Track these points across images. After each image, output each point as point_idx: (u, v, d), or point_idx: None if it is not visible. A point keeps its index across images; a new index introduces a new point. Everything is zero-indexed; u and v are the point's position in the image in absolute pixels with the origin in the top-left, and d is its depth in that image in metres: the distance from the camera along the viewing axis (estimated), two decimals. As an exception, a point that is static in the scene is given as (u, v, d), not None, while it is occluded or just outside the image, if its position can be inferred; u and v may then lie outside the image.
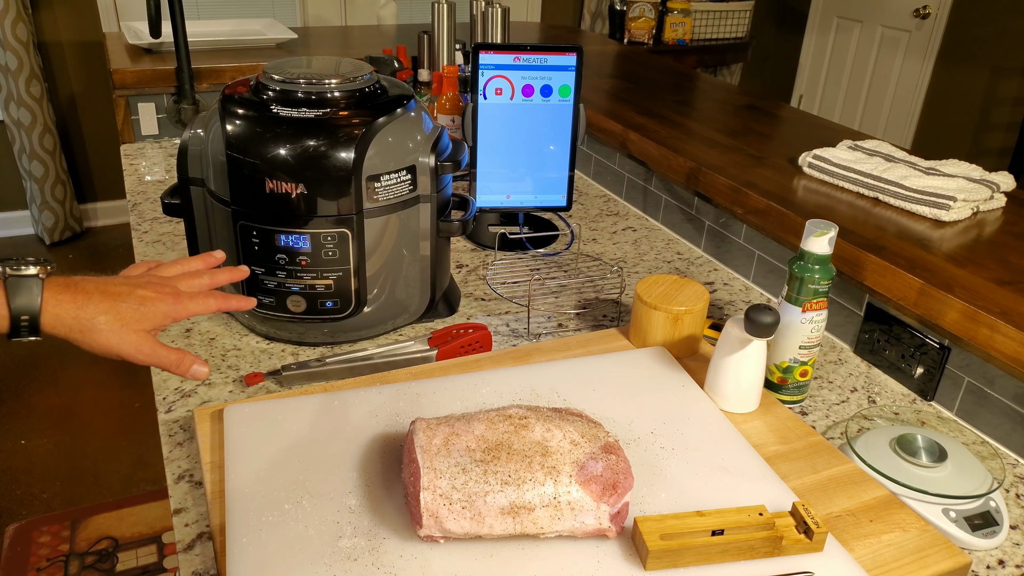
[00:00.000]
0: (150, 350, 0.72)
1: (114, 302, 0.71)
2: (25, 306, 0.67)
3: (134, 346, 0.71)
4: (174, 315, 0.74)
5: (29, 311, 0.67)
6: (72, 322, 0.69)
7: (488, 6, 1.77)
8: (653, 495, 0.72)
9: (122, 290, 0.72)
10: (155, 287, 0.74)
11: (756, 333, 0.82)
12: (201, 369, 0.75)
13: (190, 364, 0.74)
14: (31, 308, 0.67)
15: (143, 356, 0.72)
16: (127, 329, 0.71)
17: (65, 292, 0.69)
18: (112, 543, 1.99)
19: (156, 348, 0.73)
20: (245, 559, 0.63)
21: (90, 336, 0.70)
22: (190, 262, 0.80)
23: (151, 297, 0.72)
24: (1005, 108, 3.47)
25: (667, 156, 1.37)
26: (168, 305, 0.73)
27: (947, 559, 0.69)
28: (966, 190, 1.11)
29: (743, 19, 4.15)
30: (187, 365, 0.74)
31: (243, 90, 0.94)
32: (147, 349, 0.72)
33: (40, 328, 0.68)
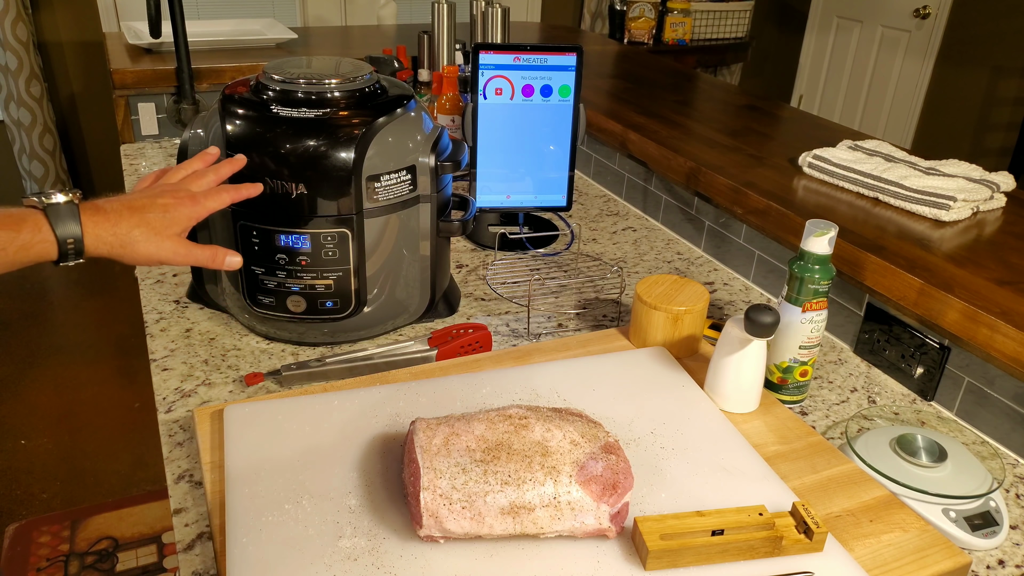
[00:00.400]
0: (185, 251, 0.79)
1: (142, 214, 0.76)
2: (69, 231, 0.72)
3: (170, 250, 0.78)
4: (196, 215, 0.80)
5: (73, 235, 0.72)
6: (112, 239, 0.75)
7: (488, 6, 1.77)
8: (653, 495, 0.72)
9: (145, 202, 0.78)
10: (172, 194, 0.80)
11: (756, 333, 0.82)
12: (234, 259, 0.83)
13: (223, 257, 0.83)
14: (75, 232, 0.72)
15: (180, 258, 0.79)
16: (160, 236, 0.77)
17: (98, 213, 0.74)
18: (112, 543, 1.99)
19: (190, 248, 0.80)
20: (245, 559, 0.63)
21: (130, 249, 0.76)
22: (191, 163, 0.86)
23: (172, 204, 0.78)
24: (1005, 108, 3.47)
25: (667, 156, 1.37)
26: (188, 207, 0.79)
27: (947, 559, 0.69)
28: (966, 190, 1.11)
29: (743, 19, 4.15)
30: (221, 258, 0.83)
31: (243, 90, 0.94)
32: (183, 251, 0.79)
33: (84, 250, 0.73)
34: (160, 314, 1.07)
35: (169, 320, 1.06)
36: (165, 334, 1.03)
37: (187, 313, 1.07)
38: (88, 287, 3.18)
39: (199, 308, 1.08)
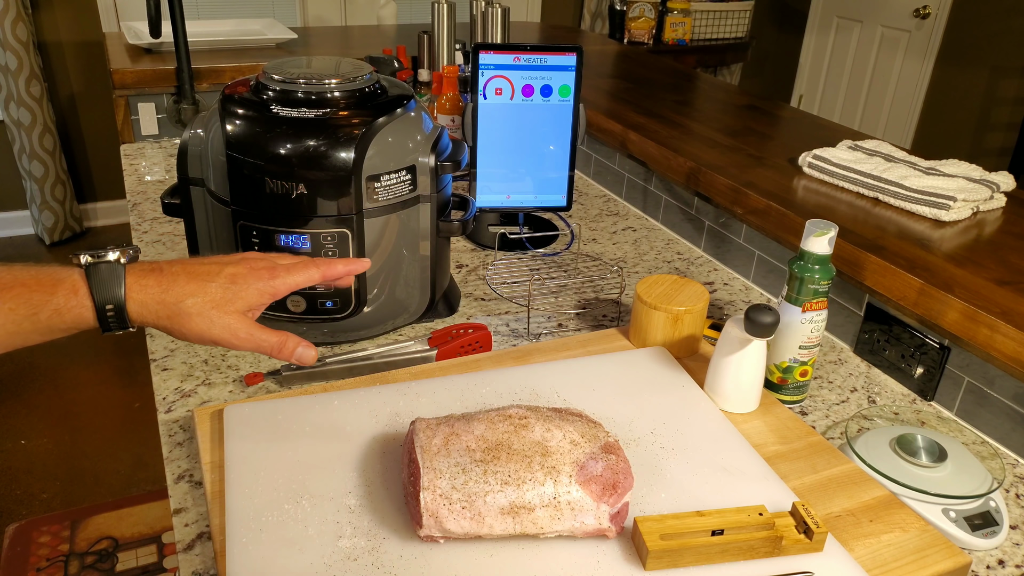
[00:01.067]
0: (246, 334, 0.67)
1: (202, 283, 0.65)
2: (109, 296, 0.62)
3: (228, 330, 0.66)
4: (272, 291, 0.68)
5: (114, 300, 0.62)
6: (158, 307, 0.64)
7: (488, 6, 1.77)
8: (653, 495, 0.72)
9: (211, 269, 0.67)
10: (248, 263, 0.69)
11: (756, 333, 0.82)
12: (308, 352, 0.70)
13: (294, 347, 0.69)
14: (116, 297, 0.62)
15: (239, 341, 0.67)
16: (219, 311, 0.65)
17: (149, 276, 0.64)
18: (112, 543, 1.99)
19: (253, 331, 0.67)
20: (245, 559, 0.63)
21: (179, 322, 0.65)
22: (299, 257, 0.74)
23: (243, 274, 0.67)
24: (1005, 108, 3.47)
25: (667, 156, 1.37)
26: (264, 281, 0.68)
27: (947, 559, 0.69)
28: (966, 190, 1.11)
29: (743, 19, 4.15)
30: (291, 349, 0.69)
31: (243, 90, 0.94)
32: (243, 333, 0.67)
33: (127, 318, 0.64)
34: (160, 314, 1.07)
35: (169, 320, 1.06)
36: (165, 334, 1.03)
37: (187, 313, 1.07)
38: (88, 287, 3.17)
39: (199, 308, 1.08)
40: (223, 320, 0.66)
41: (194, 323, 0.65)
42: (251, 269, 0.68)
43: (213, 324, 0.65)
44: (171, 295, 0.64)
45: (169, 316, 0.65)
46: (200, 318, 0.65)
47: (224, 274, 0.67)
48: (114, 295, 0.62)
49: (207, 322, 0.65)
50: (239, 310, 0.67)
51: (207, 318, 0.65)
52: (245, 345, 0.67)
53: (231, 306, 0.66)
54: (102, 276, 0.62)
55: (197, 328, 0.65)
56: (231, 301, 0.66)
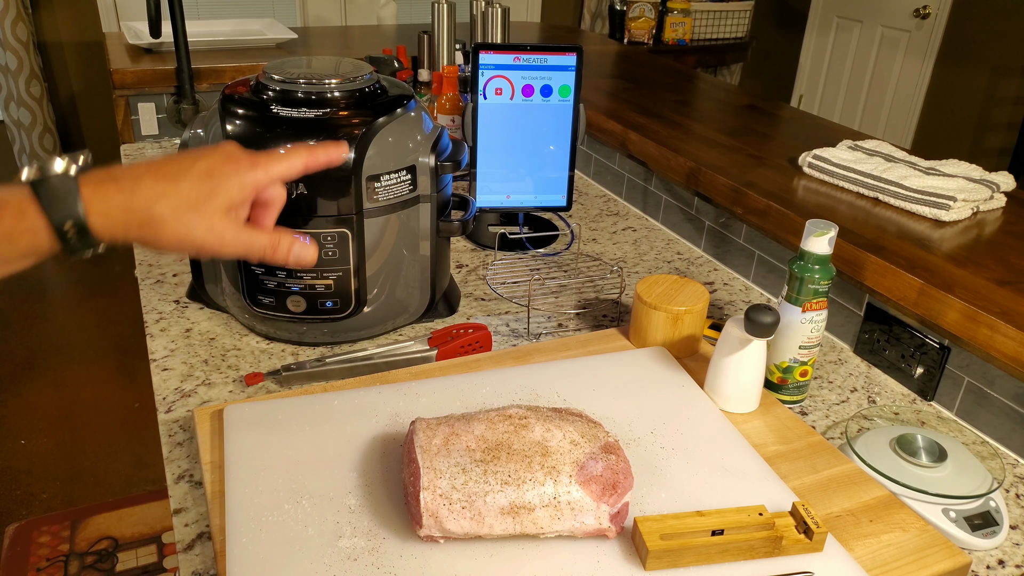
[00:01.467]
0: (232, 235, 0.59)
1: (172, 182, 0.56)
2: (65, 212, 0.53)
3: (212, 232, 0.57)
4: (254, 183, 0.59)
5: (72, 216, 0.53)
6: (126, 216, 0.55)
7: (488, 6, 1.77)
8: (653, 495, 0.72)
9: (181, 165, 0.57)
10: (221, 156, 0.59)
11: (756, 333, 0.82)
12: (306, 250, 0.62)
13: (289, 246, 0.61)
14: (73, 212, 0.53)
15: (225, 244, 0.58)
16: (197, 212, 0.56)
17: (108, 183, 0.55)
18: (112, 543, 1.99)
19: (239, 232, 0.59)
20: (245, 559, 0.63)
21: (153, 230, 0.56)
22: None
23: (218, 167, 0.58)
24: (1005, 108, 3.47)
25: (667, 156, 1.37)
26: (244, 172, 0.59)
27: (947, 559, 0.69)
28: (966, 190, 1.11)
29: (743, 19, 4.15)
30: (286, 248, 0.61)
31: (243, 90, 0.94)
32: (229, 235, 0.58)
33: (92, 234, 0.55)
34: (160, 314, 1.07)
35: (169, 320, 1.06)
36: (165, 334, 1.03)
37: (187, 313, 1.07)
38: (88, 287, 3.18)
39: (199, 308, 1.08)
40: (204, 222, 0.57)
41: (170, 228, 0.56)
42: (228, 159, 0.59)
43: (193, 228, 0.57)
44: (139, 199, 0.55)
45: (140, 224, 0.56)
46: (176, 222, 0.56)
47: (196, 170, 0.58)
48: (71, 210, 0.53)
49: (185, 226, 0.56)
50: (220, 208, 0.58)
51: (184, 222, 0.56)
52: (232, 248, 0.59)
53: (210, 204, 0.57)
54: (53, 191, 0.53)
55: (175, 234, 0.56)
56: (209, 199, 0.57)
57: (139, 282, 1.16)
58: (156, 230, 0.56)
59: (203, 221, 0.57)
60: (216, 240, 0.58)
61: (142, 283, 1.15)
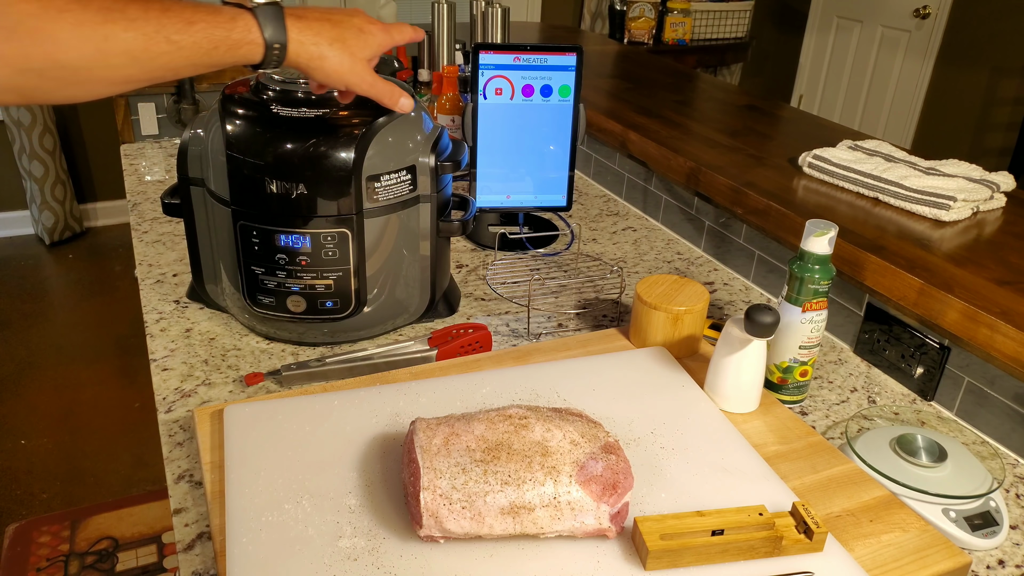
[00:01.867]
0: (371, 80, 0.77)
1: (340, 30, 0.74)
2: (277, 36, 0.69)
3: (359, 75, 0.75)
4: (386, 44, 0.78)
5: (279, 41, 0.69)
6: (313, 50, 0.72)
7: (488, 6, 1.77)
8: (653, 495, 0.72)
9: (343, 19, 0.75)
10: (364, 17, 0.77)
11: (756, 333, 0.82)
12: (408, 102, 0.81)
13: (399, 96, 0.80)
14: (281, 38, 0.69)
15: (365, 85, 0.77)
16: (354, 58, 0.74)
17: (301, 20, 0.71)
18: (112, 543, 1.99)
19: (375, 79, 0.78)
20: (245, 559, 0.63)
21: (321, 64, 0.73)
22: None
23: (367, 27, 0.76)
24: (1005, 108, 3.47)
25: (667, 156, 1.37)
26: (382, 35, 0.77)
27: (947, 559, 0.69)
28: (966, 190, 1.11)
29: (743, 19, 4.15)
30: (397, 96, 0.80)
31: (243, 90, 0.94)
32: (369, 79, 0.77)
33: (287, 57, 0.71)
34: (160, 314, 1.07)
35: (169, 320, 1.06)
36: (165, 334, 1.03)
37: (187, 313, 1.07)
38: (88, 287, 3.18)
39: (199, 308, 1.08)
40: (356, 67, 0.75)
41: (333, 66, 0.73)
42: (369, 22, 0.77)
43: (351, 70, 0.74)
44: (322, 39, 0.72)
45: (318, 57, 0.72)
46: (340, 63, 0.73)
47: (354, 25, 0.75)
48: (280, 35, 0.69)
49: (347, 67, 0.74)
50: (366, 57, 0.76)
51: (347, 63, 0.74)
52: (368, 89, 0.77)
53: (361, 54, 0.75)
54: (269, 16, 0.69)
55: (336, 71, 0.74)
56: (362, 49, 0.75)
57: (139, 282, 1.16)
58: (323, 63, 0.73)
59: (355, 65, 0.75)
60: (359, 80, 0.76)
61: (142, 283, 1.15)
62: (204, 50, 0.66)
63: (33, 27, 0.56)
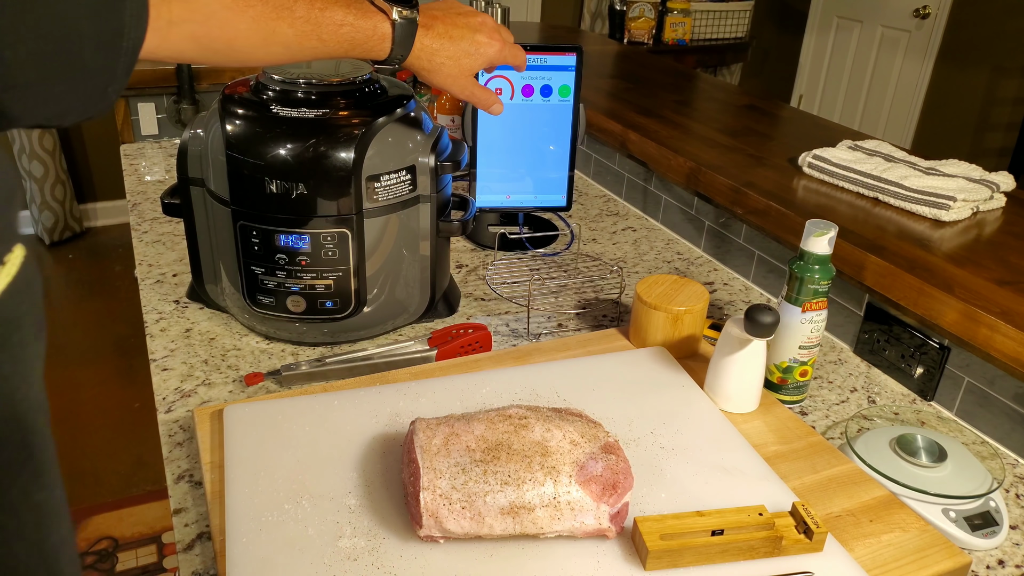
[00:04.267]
0: (471, 90, 0.85)
1: (458, 45, 0.81)
2: (403, 52, 0.77)
3: (460, 86, 0.84)
4: (498, 61, 0.85)
5: (404, 55, 0.78)
6: (426, 63, 0.80)
7: (488, 6, 1.77)
8: (653, 495, 0.72)
9: (464, 33, 0.82)
10: (488, 31, 0.84)
11: (756, 333, 0.82)
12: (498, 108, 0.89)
13: (493, 102, 0.89)
14: (405, 53, 0.78)
15: (465, 94, 0.86)
16: (460, 72, 0.83)
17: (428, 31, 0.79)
18: (112, 543, 1.99)
19: (475, 88, 0.86)
20: (245, 559, 0.63)
21: (430, 74, 0.82)
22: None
23: (484, 43, 0.83)
24: (1005, 108, 3.47)
25: (667, 156, 1.37)
26: (494, 51, 0.84)
27: (947, 559, 0.69)
28: (966, 190, 1.11)
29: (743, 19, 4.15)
30: (491, 102, 0.89)
31: (243, 90, 0.94)
32: (469, 89, 0.85)
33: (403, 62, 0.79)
34: (160, 314, 1.07)
35: (169, 320, 1.06)
36: (165, 334, 1.03)
37: (187, 313, 1.07)
38: (88, 287, 3.18)
39: (199, 308, 1.08)
40: (460, 81, 0.83)
41: (440, 78, 0.82)
42: (490, 39, 0.83)
43: (455, 83, 0.83)
44: (438, 56, 0.80)
45: (429, 69, 0.81)
46: (447, 76, 0.82)
47: (473, 40, 0.82)
48: (405, 51, 0.77)
49: (451, 80, 0.83)
50: (472, 71, 0.84)
51: (452, 77, 0.83)
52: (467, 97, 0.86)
53: (470, 69, 0.83)
54: (404, 33, 0.76)
55: (441, 82, 0.83)
56: (472, 66, 0.83)
57: (139, 282, 1.16)
58: (431, 74, 0.82)
59: (460, 80, 0.83)
60: (460, 90, 0.84)
61: (142, 283, 1.15)
62: (343, 49, 0.74)
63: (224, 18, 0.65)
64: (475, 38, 0.82)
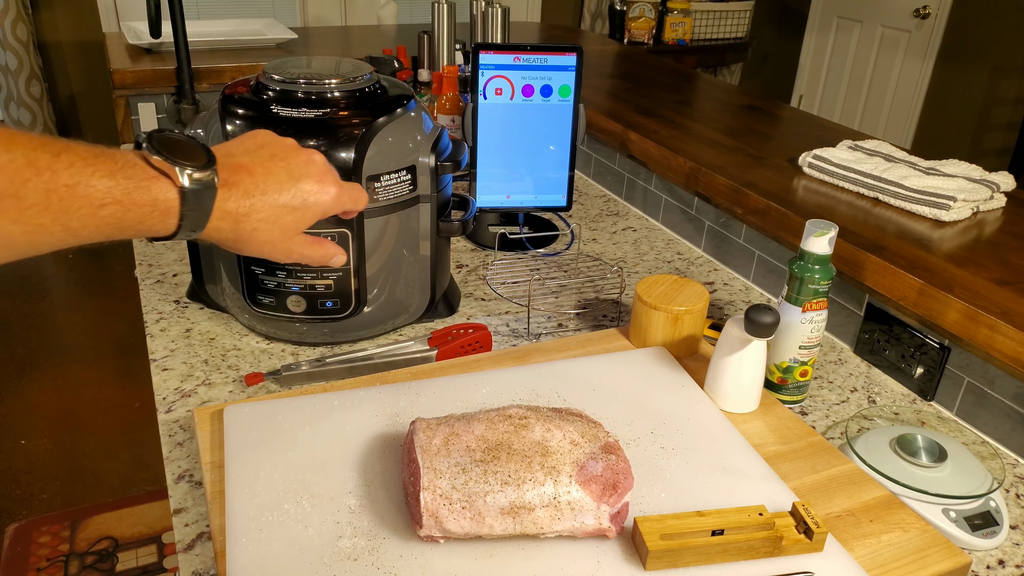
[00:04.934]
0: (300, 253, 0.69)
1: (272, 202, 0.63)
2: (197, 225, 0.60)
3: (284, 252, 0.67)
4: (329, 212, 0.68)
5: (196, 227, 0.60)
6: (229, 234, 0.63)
7: (488, 6, 1.77)
8: (653, 495, 0.72)
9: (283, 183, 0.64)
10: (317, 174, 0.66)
11: (756, 333, 0.82)
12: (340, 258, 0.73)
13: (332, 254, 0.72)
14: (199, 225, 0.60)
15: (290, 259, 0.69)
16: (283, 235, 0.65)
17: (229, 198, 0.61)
18: (112, 543, 1.99)
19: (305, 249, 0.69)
20: (245, 559, 0.63)
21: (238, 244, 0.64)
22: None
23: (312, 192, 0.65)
24: (1005, 108, 3.47)
25: (667, 156, 1.37)
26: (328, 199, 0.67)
27: (947, 559, 0.69)
28: (966, 190, 1.11)
29: (743, 19, 4.15)
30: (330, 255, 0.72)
31: (243, 90, 0.94)
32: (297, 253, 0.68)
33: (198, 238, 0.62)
34: (160, 314, 1.07)
35: (169, 320, 1.06)
36: (165, 334, 1.03)
37: (187, 313, 1.07)
38: (88, 287, 3.18)
39: (199, 308, 1.08)
40: (282, 246, 0.66)
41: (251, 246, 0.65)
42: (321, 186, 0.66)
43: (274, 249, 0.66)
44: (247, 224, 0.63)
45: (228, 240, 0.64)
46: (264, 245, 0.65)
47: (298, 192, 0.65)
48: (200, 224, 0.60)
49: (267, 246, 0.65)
50: (298, 230, 0.66)
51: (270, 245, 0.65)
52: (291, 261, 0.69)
53: (294, 231, 0.66)
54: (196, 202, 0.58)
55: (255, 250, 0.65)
56: (296, 227, 0.66)
57: (139, 282, 1.16)
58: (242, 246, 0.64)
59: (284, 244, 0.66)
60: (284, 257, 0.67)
61: (142, 283, 1.15)
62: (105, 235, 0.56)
63: None
64: (299, 187, 0.64)
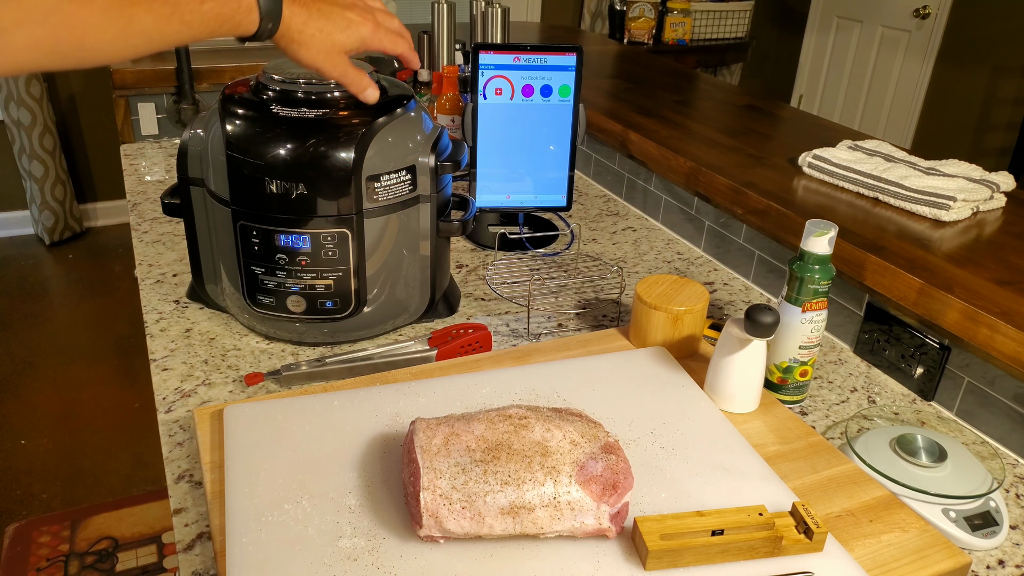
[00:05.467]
0: (342, 69, 0.80)
1: (326, 21, 0.77)
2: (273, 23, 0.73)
3: (332, 63, 0.79)
4: (368, 43, 0.81)
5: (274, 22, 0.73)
6: (296, 35, 0.75)
7: (488, 6, 1.77)
8: (653, 495, 0.72)
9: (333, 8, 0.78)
10: (360, 10, 0.80)
11: (756, 333, 0.82)
12: (373, 93, 0.84)
13: (367, 86, 0.83)
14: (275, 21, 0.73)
15: (336, 73, 0.80)
16: (331, 48, 0.78)
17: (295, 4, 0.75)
18: (112, 543, 2.00)
19: (347, 68, 0.81)
20: (245, 559, 0.63)
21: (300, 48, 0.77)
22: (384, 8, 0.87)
23: (356, 21, 0.79)
24: (1005, 108, 3.47)
25: (667, 156, 1.37)
26: (367, 31, 0.80)
27: (947, 559, 0.69)
28: (966, 190, 1.11)
29: (743, 19, 4.15)
30: (364, 85, 0.83)
31: (243, 90, 0.94)
32: (340, 68, 0.80)
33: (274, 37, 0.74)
34: (160, 314, 1.07)
35: (169, 320, 1.06)
36: (165, 334, 1.03)
37: (187, 313, 1.07)
38: (88, 287, 3.18)
39: (199, 308, 1.08)
40: (331, 57, 0.78)
41: (310, 54, 0.77)
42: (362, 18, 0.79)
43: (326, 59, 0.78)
44: (308, 27, 0.76)
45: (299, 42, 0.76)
46: (317, 52, 0.77)
47: (344, 17, 0.78)
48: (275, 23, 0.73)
49: (322, 56, 0.78)
50: (344, 49, 0.79)
51: (323, 52, 0.78)
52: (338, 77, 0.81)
53: (341, 47, 0.79)
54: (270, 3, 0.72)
55: (311, 57, 0.77)
56: (344, 43, 0.78)
57: (139, 282, 1.16)
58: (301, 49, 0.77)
59: (331, 57, 0.78)
60: (331, 68, 0.79)
61: (142, 283, 1.15)
62: (210, 28, 0.69)
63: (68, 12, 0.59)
64: (345, 15, 0.79)
